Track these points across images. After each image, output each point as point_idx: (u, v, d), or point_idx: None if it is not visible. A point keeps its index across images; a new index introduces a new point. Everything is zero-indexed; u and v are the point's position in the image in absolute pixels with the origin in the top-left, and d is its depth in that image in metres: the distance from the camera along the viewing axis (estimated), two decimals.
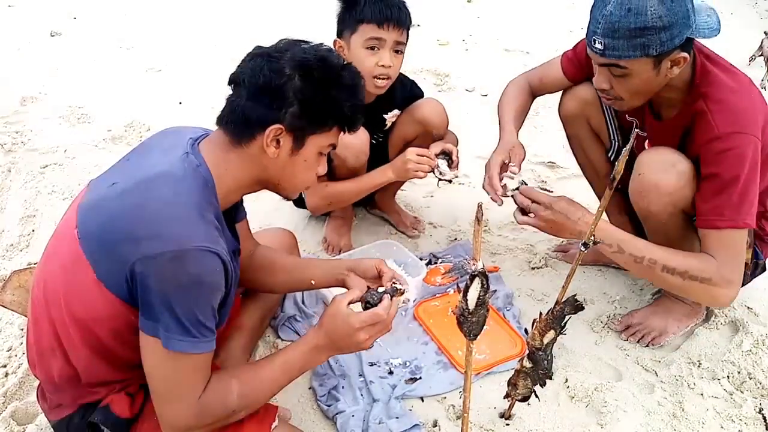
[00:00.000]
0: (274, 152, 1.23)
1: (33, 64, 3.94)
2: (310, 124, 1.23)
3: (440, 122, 2.16)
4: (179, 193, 1.16)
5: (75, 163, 2.87)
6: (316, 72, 1.21)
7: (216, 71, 3.88)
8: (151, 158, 1.25)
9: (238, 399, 1.23)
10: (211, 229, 1.16)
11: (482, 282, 1.10)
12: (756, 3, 5.34)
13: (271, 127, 1.20)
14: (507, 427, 1.65)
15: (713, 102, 1.55)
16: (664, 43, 1.46)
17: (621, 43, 1.47)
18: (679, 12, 1.45)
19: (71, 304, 1.19)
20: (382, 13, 1.91)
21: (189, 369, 1.16)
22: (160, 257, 1.09)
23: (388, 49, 1.96)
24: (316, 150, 1.28)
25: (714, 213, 1.53)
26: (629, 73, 1.53)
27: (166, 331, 1.12)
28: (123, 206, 1.15)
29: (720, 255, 1.54)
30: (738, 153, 1.50)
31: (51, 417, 1.36)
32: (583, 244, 1.28)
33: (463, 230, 2.47)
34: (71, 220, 1.22)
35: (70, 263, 1.18)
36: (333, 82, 1.23)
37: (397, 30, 1.95)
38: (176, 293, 1.10)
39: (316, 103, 1.22)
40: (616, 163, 1.15)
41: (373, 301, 1.34)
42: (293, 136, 1.23)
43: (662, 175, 1.60)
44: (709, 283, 1.54)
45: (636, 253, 1.59)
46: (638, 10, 1.44)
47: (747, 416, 1.68)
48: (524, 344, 1.83)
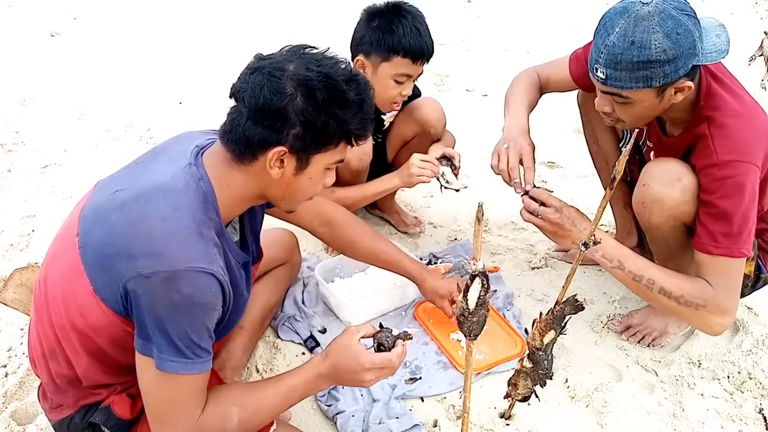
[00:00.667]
0: (278, 173, 1.18)
1: (33, 64, 3.94)
2: (314, 145, 1.18)
3: (438, 122, 2.16)
4: (178, 208, 1.13)
5: (75, 163, 2.87)
6: (319, 92, 1.13)
7: (216, 71, 3.89)
8: (156, 167, 1.22)
9: (238, 424, 1.22)
10: (210, 247, 1.14)
11: (482, 282, 1.11)
12: (756, 3, 5.33)
13: (273, 150, 1.15)
14: (507, 427, 1.65)
15: (715, 127, 1.52)
16: (667, 75, 1.43)
17: (623, 74, 1.44)
18: (685, 44, 1.41)
19: (70, 312, 1.18)
20: (419, 49, 1.89)
21: (183, 390, 1.15)
22: (153, 277, 1.07)
23: (412, 81, 1.98)
24: (322, 167, 1.23)
25: (710, 238, 1.52)
26: (631, 102, 1.50)
27: (159, 352, 1.10)
28: (122, 220, 1.13)
29: (716, 283, 1.53)
30: (736, 182, 1.49)
31: (52, 417, 1.35)
32: (583, 244, 1.28)
33: (463, 230, 2.47)
34: (74, 224, 1.21)
35: (70, 272, 1.17)
36: (337, 100, 1.16)
37: (424, 65, 1.96)
38: (169, 314, 1.08)
39: (320, 124, 1.15)
40: (616, 164, 1.15)
41: (387, 345, 1.29)
42: (297, 157, 1.18)
43: (667, 188, 1.58)
44: (703, 309, 1.54)
45: (636, 271, 1.58)
46: (642, 44, 1.40)
47: (747, 416, 1.68)
48: (524, 344, 1.83)
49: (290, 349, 1.89)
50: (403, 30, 1.87)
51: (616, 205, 2.16)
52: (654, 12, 1.40)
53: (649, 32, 1.40)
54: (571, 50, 1.95)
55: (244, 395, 1.26)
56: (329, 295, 1.99)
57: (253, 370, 1.81)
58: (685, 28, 1.40)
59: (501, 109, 1.97)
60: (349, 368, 1.26)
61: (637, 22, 1.41)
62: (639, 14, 1.41)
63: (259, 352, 1.86)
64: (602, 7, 4.87)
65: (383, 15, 1.92)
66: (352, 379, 1.27)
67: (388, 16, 1.91)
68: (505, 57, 4.21)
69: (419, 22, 1.92)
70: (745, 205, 1.49)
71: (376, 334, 1.31)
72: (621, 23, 1.43)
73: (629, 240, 2.17)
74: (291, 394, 1.28)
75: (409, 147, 2.28)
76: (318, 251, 2.32)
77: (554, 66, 1.99)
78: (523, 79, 1.99)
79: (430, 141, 2.19)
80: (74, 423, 1.29)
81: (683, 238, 1.67)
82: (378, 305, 2.01)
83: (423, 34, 1.91)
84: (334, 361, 1.27)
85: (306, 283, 2.11)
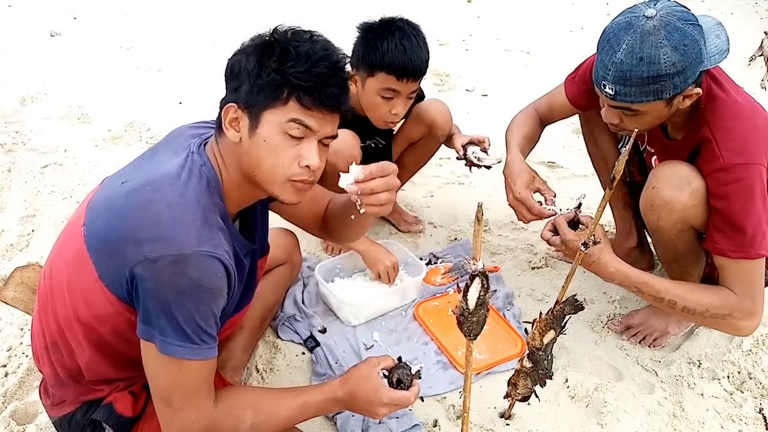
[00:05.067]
0: (234, 135, 1.18)
1: (33, 64, 3.94)
2: (261, 98, 1.15)
3: (446, 124, 2.16)
4: (184, 195, 1.14)
5: (75, 163, 2.87)
6: (269, 48, 1.15)
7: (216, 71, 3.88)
8: (161, 158, 1.24)
9: (250, 428, 1.22)
10: (215, 232, 1.15)
11: (482, 282, 1.10)
12: (756, 3, 5.33)
13: (225, 106, 1.18)
14: (507, 427, 1.65)
15: (719, 130, 1.53)
16: (677, 86, 1.43)
17: (633, 90, 1.44)
18: (693, 54, 1.40)
19: (75, 302, 1.19)
20: (403, 67, 1.86)
21: (191, 377, 1.15)
22: (160, 260, 1.08)
23: (402, 98, 1.94)
24: (275, 128, 1.16)
25: (726, 243, 1.53)
26: (641, 113, 1.50)
27: (162, 335, 1.10)
28: (128, 206, 1.14)
29: (738, 288, 1.54)
30: (746, 185, 1.49)
31: (53, 414, 1.35)
32: (583, 244, 1.28)
33: (463, 230, 2.47)
34: (80, 216, 1.22)
35: (75, 260, 1.18)
36: (283, 53, 1.14)
37: (415, 82, 1.93)
38: (176, 297, 1.09)
39: (263, 75, 1.14)
40: (616, 164, 1.15)
41: (405, 382, 1.31)
42: (248, 114, 1.16)
43: (676, 192, 1.58)
44: (730, 318, 1.55)
45: (655, 294, 1.60)
46: (651, 59, 1.39)
47: (747, 416, 1.68)
48: (524, 344, 1.83)
49: (290, 349, 1.89)
50: (388, 46, 1.84)
51: (615, 206, 2.16)
52: (660, 26, 1.39)
53: (657, 47, 1.39)
54: (571, 50, 1.95)
55: (261, 401, 1.27)
56: (329, 295, 1.99)
57: (253, 369, 1.81)
58: (691, 38, 1.39)
59: (501, 109, 1.97)
60: (366, 400, 1.28)
61: (644, 38, 1.40)
62: (645, 29, 1.40)
63: (259, 352, 1.86)
64: (602, 7, 4.90)
65: (373, 30, 1.91)
66: (366, 409, 1.30)
67: (376, 32, 1.89)
68: (505, 57, 4.21)
69: (408, 38, 1.88)
70: (757, 206, 1.50)
71: (395, 369, 1.33)
72: (627, 39, 1.42)
73: (629, 240, 2.17)
74: (305, 409, 1.29)
75: (415, 147, 2.28)
76: (318, 251, 2.32)
77: (551, 96, 1.99)
78: (518, 118, 2.01)
79: (436, 143, 2.19)
80: (75, 420, 1.30)
81: (690, 240, 1.68)
82: (378, 305, 2.01)
83: (409, 51, 1.86)
84: (353, 388, 1.29)
85: (306, 283, 2.11)
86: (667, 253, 1.76)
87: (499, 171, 2.03)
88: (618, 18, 1.49)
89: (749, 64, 3.94)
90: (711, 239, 1.57)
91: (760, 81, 3.72)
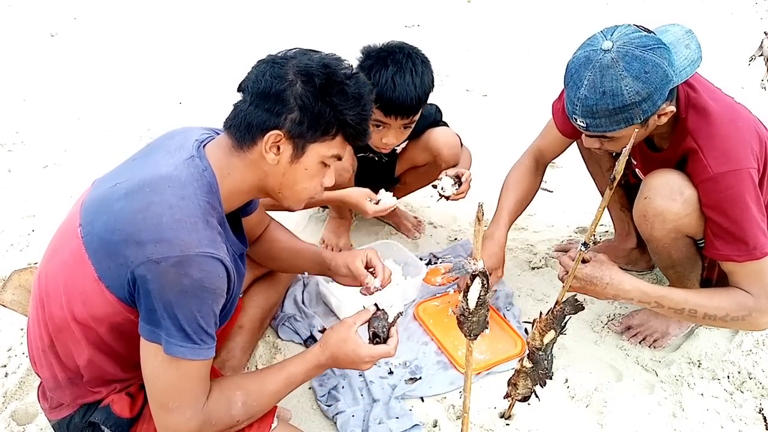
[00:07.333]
0: (273, 159, 1.21)
1: (33, 64, 3.94)
2: (310, 132, 1.20)
3: (451, 158, 2.11)
4: (185, 198, 1.15)
5: (75, 163, 2.88)
6: (318, 78, 1.18)
7: (216, 71, 3.90)
8: (156, 159, 1.24)
9: (242, 408, 1.24)
10: (215, 234, 1.16)
11: (482, 282, 1.11)
12: (756, 3, 5.34)
13: (270, 133, 1.19)
14: (507, 427, 1.65)
15: (702, 138, 1.53)
16: (646, 111, 1.43)
17: (603, 121, 1.45)
18: (656, 79, 1.39)
19: (72, 302, 1.19)
20: (389, 104, 1.83)
21: (190, 377, 1.16)
22: (163, 262, 1.08)
23: (394, 129, 1.91)
24: (317, 159, 1.25)
25: (730, 249, 1.54)
26: (617, 138, 1.51)
27: (168, 337, 1.11)
28: (128, 208, 1.14)
29: (753, 288, 1.55)
30: (736, 193, 1.49)
31: (51, 417, 1.35)
32: (583, 244, 1.28)
33: (463, 230, 2.47)
34: (74, 218, 1.22)
35: (72, 261, 1.18)
36: (335, 89, 1.20)
37: (405, 119, 1.88)
38: (178, 298, 1.10)
39: (317, 110, 1.19)
40: (616, 163, 1.15)
41: (382, 335, 1.37)
42: (293, 143, 1.21)
43: (668, 202, 1.58)
44: (749, 318, 1.56)
45: (675, 306, 1.60)
46: (614, 92, 1.39)
47: (747, 416, 1.68)
48: (524, 344, 1.83)
49: (290, 349, 1.89)
50: (378, 80, 1.81)
51: (612, 207, 2.16)
52: (617, 57, 1.39)
53: (617, 80, 1.38)
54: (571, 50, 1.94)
55: (247, 381, 1.29)
56: (329, 295, 1.99)
57: (253, 369, 1.81)
58: (652, 64, 1.38)
59: (500, 109, 1.97)
60: (349, 360, 1.35)
61: (603, 72, 1.39)
62: (603, 63, 1.40)
63: (259, 352, 1.86)
64: (602, 7, 4.90)
65: (370, 57, 1.87)
66: (350, 366, 1.37)
67: (374, 59, 1.86)
68: (505, 57, 4.22)
69: (402, 75, 1.82)
70: (752, 210, 1.50)
71: (371, 322, 1.38)
72: (588, 75, 1.42)
73: (628, 241, 2.17)
74: (292, 380, 1.33)
75: (417, 171, 2.27)
76: None
77: (544, 135, 1.98)
78: (514, 175, 1.98)
79: (439, 172, 2.15)
80: (74, 423, 1.30)
81: (685, 248, 1.68)
82: None
83: (399, 88, 1.81)
84: (333, 352, 1.34)
85: (306, 283, 2.11)
86: (662, 260, 1.77)
87: (502, 166, 2.03)
88: (578, 53, 1.48)
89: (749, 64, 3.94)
90: (713, 247, 1.57)
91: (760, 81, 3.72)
